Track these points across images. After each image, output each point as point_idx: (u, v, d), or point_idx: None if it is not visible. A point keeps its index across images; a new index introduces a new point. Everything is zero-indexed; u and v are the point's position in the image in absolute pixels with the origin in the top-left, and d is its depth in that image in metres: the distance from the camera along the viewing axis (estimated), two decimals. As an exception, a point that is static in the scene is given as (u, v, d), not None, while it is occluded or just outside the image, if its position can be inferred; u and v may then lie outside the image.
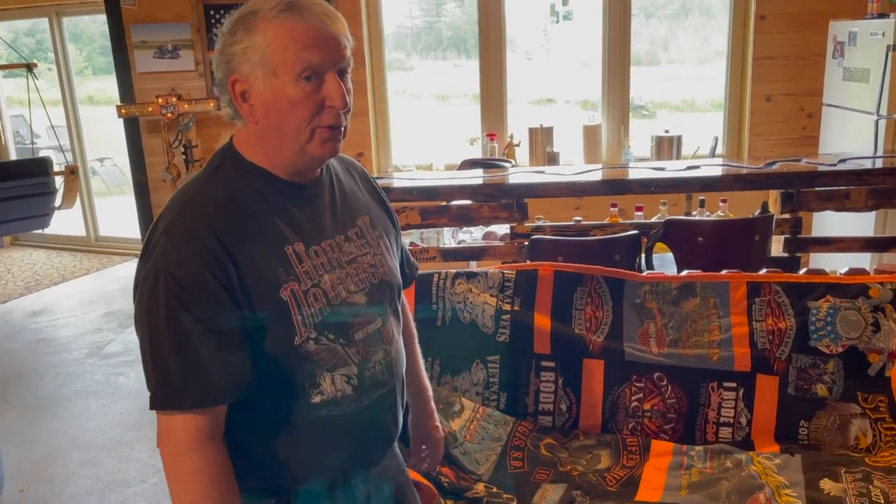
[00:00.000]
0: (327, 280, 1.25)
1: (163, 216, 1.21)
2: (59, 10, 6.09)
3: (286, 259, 1.21)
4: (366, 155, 4.97)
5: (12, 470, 3.16)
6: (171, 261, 1.14)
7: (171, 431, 1.16)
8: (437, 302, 2.25)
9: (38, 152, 6.30)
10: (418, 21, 7.18)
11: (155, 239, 1.17)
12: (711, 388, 2.15)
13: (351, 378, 1.27)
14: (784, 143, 4.75)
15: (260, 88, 1.17)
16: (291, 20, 1.16)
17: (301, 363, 1.22)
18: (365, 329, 1.29)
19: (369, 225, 1.38)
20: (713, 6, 5.75)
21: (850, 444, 2.05)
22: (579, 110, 6.10)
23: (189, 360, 1.14)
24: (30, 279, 5.87)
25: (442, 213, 3.24)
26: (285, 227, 1.23)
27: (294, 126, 1.19)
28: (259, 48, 1.15)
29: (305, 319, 1.21)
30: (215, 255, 1.15)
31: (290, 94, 1.17)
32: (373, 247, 1.36)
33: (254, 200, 1.22)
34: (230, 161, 1.25)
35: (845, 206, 3.16)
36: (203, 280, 1.14)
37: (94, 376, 4.09)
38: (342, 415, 1.27)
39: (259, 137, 1.23)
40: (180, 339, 1.14)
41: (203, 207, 1.19)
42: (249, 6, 1.18)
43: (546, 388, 2.21)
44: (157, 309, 1.14)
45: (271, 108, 1.18)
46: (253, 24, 1.16)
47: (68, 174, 5.15)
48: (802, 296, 2.18)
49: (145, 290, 1.15)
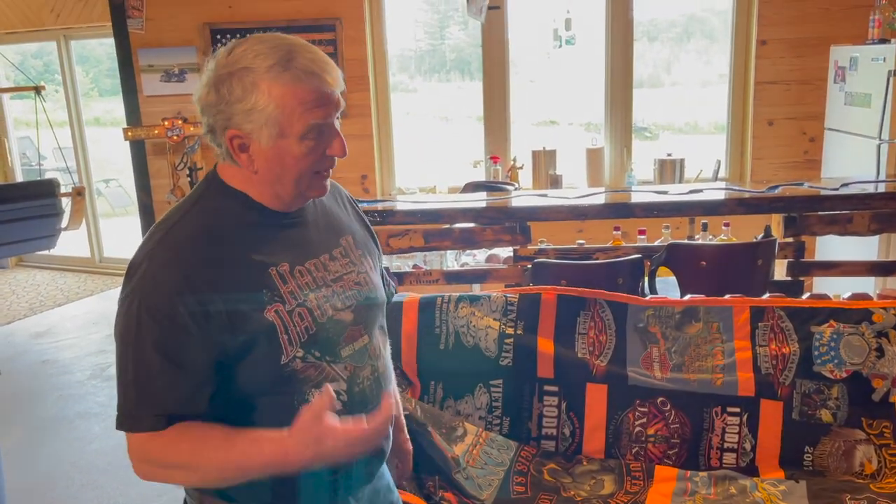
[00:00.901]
0: (313, 299, 1.28)
1: (146, 242, 1.24)
2: (68, 33, 6.16)
3: (270, 280, 1.24)
4: (369, 177, 4.99)
5: (14, 492, 3.15)
6: (146, 288, 1.18)
7: (140, 453, 1.21)
8: (441, 325, 2.25)
9: (44, 173, 6.33)
10: (422, 44, 7.25)
11: (137, 261, 1.22)
12: (715, 413, 2.14)
13: (340, 394, 1.29)
14: (787, 166, 4.77)
15: (263, 146, 1.20)
16: (294, 82, 1.17)
17: (288, 381, 1.25)
18: (352, 345, 1.32)
19: (353, 244, 1.41)
20: (716, 29, 5.80)
21: (855, 471, 2.04)
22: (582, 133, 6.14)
23: (145, 387, 1.19)
24: (34, 300, 5.88)
25: (445, 236, 3.24)
26: (269, 249, 1.26)
27: (296, 177, 1.24)
28: (264, 110, 1.17)
29: (292, 339, 1.24)
30: (190, 284, 1.18)
31: (295, 151, 1.21)
32: (357, 265, 1.39)
33: (236, 225, 1.25)
34: (213, 189, 1.28)
35: (848, 231, 3.16)
36: (172, 311, 1.17)
37: (97, 398, 4.09)
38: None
39: (250, 177, 1.25)
40: (140, 365, 1.18)
41: (183, 235, 1.22)
42: (241, 61, 1.18)
43: (549, 413, 2.20)
44: (126, 332, 1.19)
45: (274, 163, 1.22)
46: (252, 83, 1.17)
47: (75, 195, 5.18)
48: (806, 321, 2.17)
49: (121, 313, 1.21)
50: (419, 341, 2.24)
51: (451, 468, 1.96)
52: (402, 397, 2.08)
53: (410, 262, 3.86)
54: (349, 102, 4.81)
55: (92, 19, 5.89)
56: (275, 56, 1.17)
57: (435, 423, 2.07)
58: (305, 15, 4.76)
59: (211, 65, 1.22)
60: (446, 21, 7.18)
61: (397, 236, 3.16)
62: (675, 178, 4.75)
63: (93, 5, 5.80)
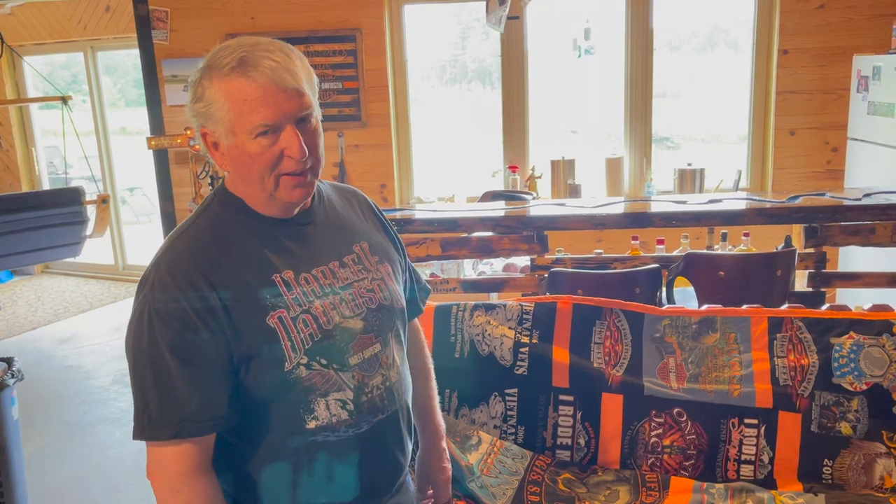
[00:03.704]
0: (318, 305, 1.27)
1: (158, 251, 1.28)
2: (95, 45, 6.28)
3: (274, 287, 1.25)
4: (388, 186, 5.02)
5: (36, 495, 3.19)
6: (156, 295, 1.20)
7: (162, 464, 1.20)
8: (456, 334, 2.26)
9: (70, 182, 6.45)
10: (444, 53, 7.28)
11: (147, 272, 1.25)
12: (732, 424, 2.12)
13: (346, 403, 1.28)
14: (809, 176, 4.72)
15: (224, 143, 1.23)
16: (241, 80, 1.17)
17: (293, 389, 1.24)
18: (361, 354, 1.31)
19: (368, 251, 1.40)
20: (739, 39, 5.77)
21: (874, 485, 2.01)
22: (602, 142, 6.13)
23: (165, 393, 1.19)
24: (59, 307, 5.97)
25: (462, 245, 3.25)
26: (273, 256, 1.27)
27: (257, 176, 1.23)
28: (217, 107, 1.19)
29: (295, 345, 1.24)
30: (198, 289, 1.20)
31: (250, 149, 1.21)
32: (371, 272, 1.38)
33: (239, 233, 1.27)
34: (219, 198, 1.31)
35: (870, 241, 3.12)
36: (184, 315, 1.18)
37: (119, 403, 4.14)
38: (340, 441, 1.29)
39: (236, 179, 1.29)
40: (158, 371, 1.19)
41: (190, 243, 1.25)
42: (209, 59, 1.21)
43: (564, 423, 2.19)
44: (140, 341, 1.20)
45: (236, 161, 1.23)
46: (209, 82, 1.20)
47: (100, 203, 5.27)
48: (825, 332, 2.15)
49: (133, 322, 1.22)
50: (434, 349, 2.24)
51: (465, 477, 1.96)
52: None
53: (428, 270, 3.88)
54: (369, 112, 4.86)
55: (118, 31, 6.00)
56: (233, 55, 1.18)
57: (449, 432, 2.07)
58: (326, 25, 4.82)
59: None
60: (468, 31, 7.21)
61: (415, 245, 3.17)
62: (696, 188, 4.72)
63: (119, 17, 5.91)
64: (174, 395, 1.18)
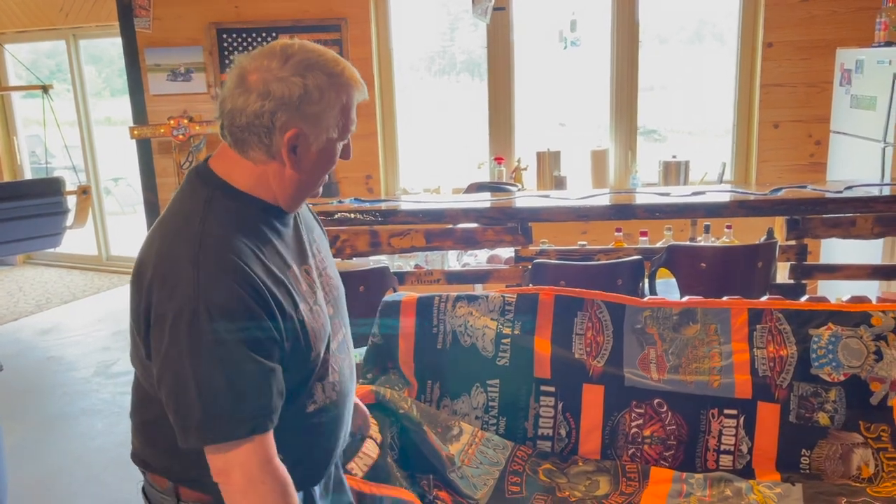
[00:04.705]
0: (319, 297, 1.33)
1: (170, 250, 1.20)
2: (77, 33, 6.20)
3: (294, 280, 1.27)
4: (374, 177, 5.00)
5: (16, 487, 3.16)
6: (209, 291, 1.15)
7: (239, 461, 1.17)
8: (438, 325, 2.26)
9: (52, 172, 6.38)
10: (433, 44, 7.25)
11: (177, 274, 1.16)
12: (712, 415, 2.14)
13: (335, 385, 1.36)
14: (792, 169, 4.75)
15: (315, 147, 1.25)
16: (353, 88, 1.26)
17: (310, 376, 1.30)
18: (337, 339, 1.38)
19: (320, 240, 1.47)
20: (725, 32, 5.78)
21: (851, 474, 2.03)
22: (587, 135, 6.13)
23: (239, 389, 1.16)
24: (41, 297, 5.92)
25: (447, 236, 3.25)
26: (284, 250, 1.29)
27: (323, 178, 1.31)
28: (331, 111, 1.23)
29: (317, 335, 1.29)
30: (253, 285, 1.18)
31: (333, 154, 1.29)
32: (326, 260, 1.45)
33: (257, 225, 1.26)
34: (220, 190, 1.26)
35: (851, 234, 3.15)
36: (246, 306, 1.16)
37: (101, 395, 4.11)
38: (327, 421, 1.36)
39: (269, 173, 1.26)
40: (228, 368, 1.15)
41: (223, 237, 1.21)
42: (306, 60, 1.21)
43: (545, 413, 2.20)
44: (201, 339, 1.14)
45: (318, 163, 1.27)
46: (325, 85, 1.21)
47: (80, 194, 5.22)
48: (804, 323, 2.17)
49: (183, 321, 1.14)
50: (416, 341, 2.25)
51: (445, 467, 1.97)
52: (399, 396, 2.09)
53: (412, 261, 3.87)
54: (354, 102, 4.83)
55: (100, 18, 5.93)
56: (339, 66, 1.24)
57: (431, 423, 2.07)
58: (311, 15, 4.79)
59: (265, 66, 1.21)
60: (457, 22, 7.18)
61: (399, 235, 3.17)
62: (680, 181, 4.74)
63: (101, 5, 5.84)
64: (248, 391, 1.17)
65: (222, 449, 1.17)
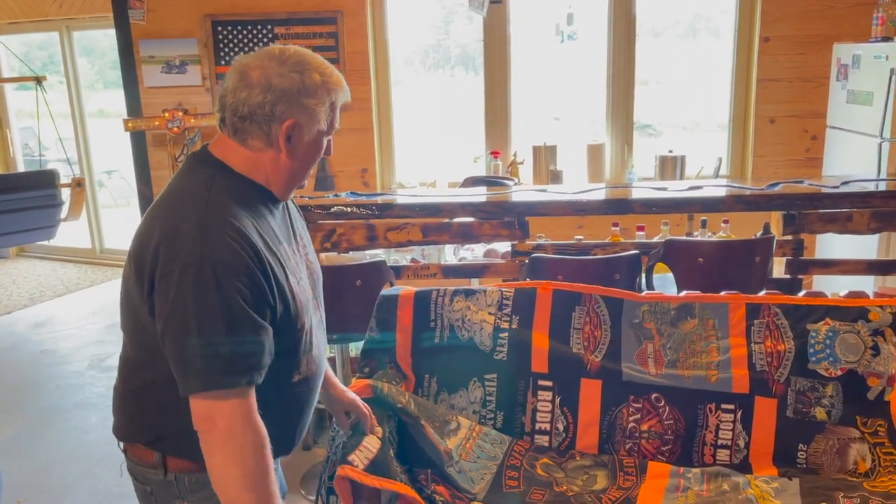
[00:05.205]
0: (303, 275, 1.48)
1: (176, 219, 1.29)
2: (70, 24, 6.16)
3: (284, 256, 1.41)
4: (370, 171, 4.98)
5: (11, 481, 3.15)
6: (215, 251, 1.25)
7: (225, 411, 1.26)
8: (436, 319, 2.25)
9: (46, 164, 6.34)
10: (428, 38, 7.22)
11: (184, 236, 1.26)
12: (709, 409, 2.14)
13: (316, 359, 1.50)
14: (788, 164, 4.75)
15: (307, 138, 1.39)
16: (341, 88, 1.42)
17: (298, 345, 1.42)
18: (316, 315, 1.53)
19: (302, 229, 1.61)
20: (720, 27, 5.78)
21: (848, 469, 2.03)
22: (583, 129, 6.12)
23: (240, 342, 1.27)
24: (34, 290, 5.89)
25: (443, 230, 3.24)
26: (275, 228, 1.43)
27: (310, 167, 1.45)
28: (323, 106, 1.39)
29: (303, 307, 1.42)
30: (255, 249, 1.30)
31: (321, 147, 1.43)
32: (308, 247, 1.59)
33: (254, 204, 1.39)
34: (220, 172, 1.38)
35: (848, 229, 3.15)
36: (247, 265, 1.28)
37: (95, 388, 4.10)
38: (306, 392, 1.50)
39: (265, 161, 1.39)
40: (231, 322, 1.25)
41: (225, 208, 1.32)
42: (302, 61, 1.37)
43: (543, 408, 2.20)
44: (206, 293, 1.24)
45: (308, 154, 1.41)
46: (319, 83, 1.37)
47: (74, 186, 5.19)
48: (801, 318, 2.17)
49: (189, 275, 1.24)
50: (414, 335, 2.24)
51: (443, 461, 1.96)
52: (397, 390, 2.08)
53: (408, 255, 3.86)
54: (350, 95, 4.81)
55: (94, 10, 5.89)
56: (325, 68, 1.40)
57: (428, 417, 2.07)
58: (307, 7, 4.76)
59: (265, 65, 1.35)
60: (452, 15, 7.16)
61: (396, 230, 3.16)
62: (676, 175, 4.74)
63: (95, -4, 5.80)
64: (248, 345, 1.27)
65: (213, 396, 1.25)
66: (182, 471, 1.40)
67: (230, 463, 1.25)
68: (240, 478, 1.25)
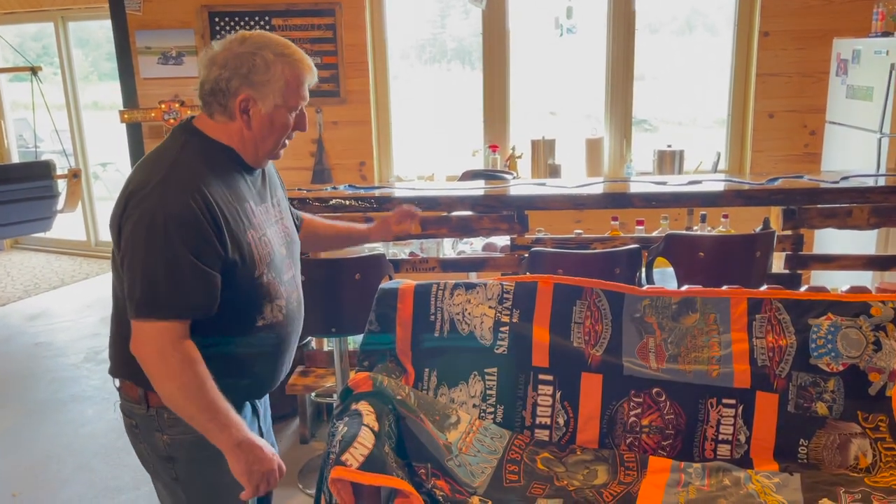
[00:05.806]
0: (269, 232, 1.66)
1: (147, 173, 1.51)
2: (65, 14, 6.11)
3: (248, 212, 1.60)
4: (367, 164, 4.96)
5: (6, 474, 3.14)
6: (169, 205, 1.45)
7: (154, 337, 1.46)
8: (436, 312, 2.24)
9: (41, 156, 6.30)
10: (424, 32, 7.19)
11: (142, 188, 1.48)
12: (710, 404, 2.13)
13: (283, 308, 1.67)
14: (787, 159, 4.75)
15: (263, 111, 1.57)
16: (301, 70, 1.58)
17: (258, 292, 1.60)
18: (288, 273, 1.72)
19: (280, 198, 1.82)
20: (718, 22, 5.76)
21: (849, 464, 2.03)
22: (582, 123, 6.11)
23: (176, 281, 1.46)
24: (29, 283, 5.86)
25: (442, 224, 3.23)
26: (244, 189, 1.62)
27: (275, 141, 1.63)
28: (276, 82, 1.55)
29: (262, 259, 1.60)
30: (207, 203, 1.48)
31: (283, 121, 1.61)
32: (284, 215, 1.80)
33: (224, 165, 1.59)
34: (196, 137, 1.59)
35: (847, 224, 3.15)
36: (197, 222, 1.46)
37: (90, 381, 4.08)
38: (273, 338, 1.66)
39: (233, 132, 1.59)
40: (171, 264, 1.45)
41: (190, 167, 1.52)
42: (271, 44, 1.56)
43: (543, 402, 2.19)
44: (154, 238, 1.44)
45: (266, 126, 1.59)
46: (271, 62, 1.54)
47: (71, 178, 5.16)
48: (803, 313, 2.16)
49: (143, 222, 1.45)
50: (414, 328, 2.23)
51: (443, 455, 1.95)
52: (397, 384, 2.07)
53: (407, 249, 3.85)
54: (348, 88, 4.80)
55: (90, 0, 5.84)
56: (291, 49, 1.58)
57: (428, 411, 2.06)
58: (305, -1, 4.73)
59: (228, 46, 1.55)
60: (448, 9, 7.12)
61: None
62: (675, 170, 4.73)
63: (91, -14, 5.76)
64: (183, 285, 1.46)
65: (146, 324, 1.46)
66: (161, 406, 1.55)
67: (166, 379, 1.46)
68: (178, 390, 1.46)
